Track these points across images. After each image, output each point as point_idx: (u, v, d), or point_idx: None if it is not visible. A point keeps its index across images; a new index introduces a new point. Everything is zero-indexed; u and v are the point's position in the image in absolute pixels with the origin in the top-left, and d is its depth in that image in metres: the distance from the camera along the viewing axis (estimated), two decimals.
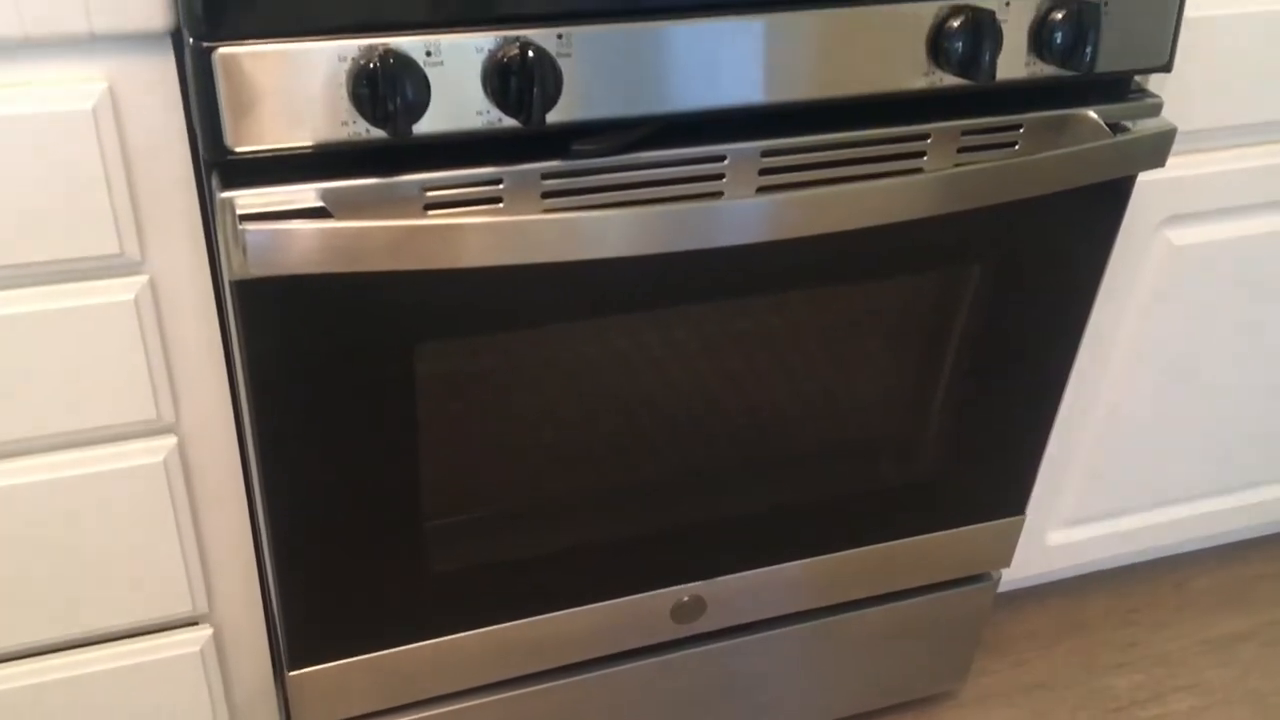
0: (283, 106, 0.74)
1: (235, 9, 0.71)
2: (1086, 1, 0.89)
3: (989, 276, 1.03)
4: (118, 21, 0.74)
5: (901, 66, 0.88)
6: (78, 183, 0.78)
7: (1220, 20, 1.02)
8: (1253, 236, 1.18)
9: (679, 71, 0.82)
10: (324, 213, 0.78)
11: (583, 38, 0.79)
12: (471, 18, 0.77)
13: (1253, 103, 1.08)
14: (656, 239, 0.84)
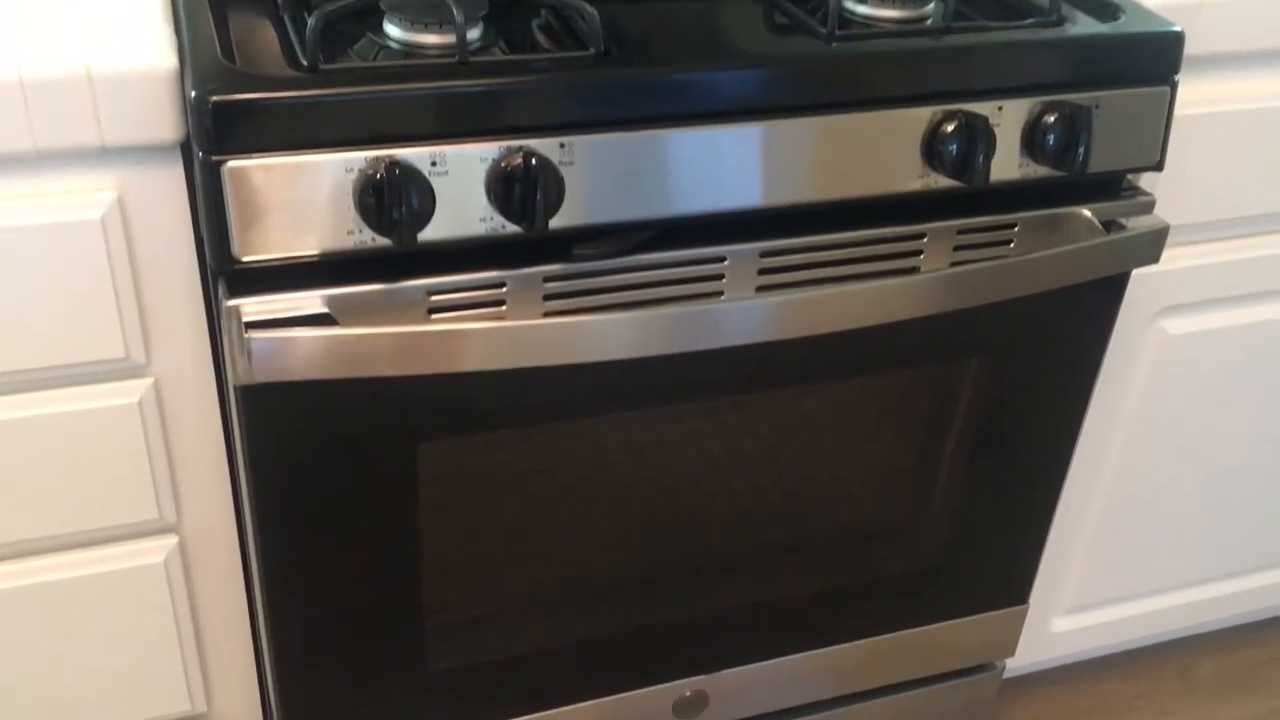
0: (290, 217, 0.75)
1: (244, 124, 0.73)
2: (1077, 105, 0.91)
3: (987, 369, 1.04)
4: (128, 134, 0.76)
5: (897, 169, 0.89)
6: (86, 290, 0.79)
7: (1210, 118, 1.04)
8: (1247, 325, 1.19)
9: (679, 177, 0.84)
10: (329, 319, 0.79)
11: (584, 146, 0.81)
12: (476, 129, 0.78)
13: (1243, 197, 1.10)
14: (657, 341, 0.84)
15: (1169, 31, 0.93)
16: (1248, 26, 1.00)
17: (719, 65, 0.84)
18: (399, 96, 0.76)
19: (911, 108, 0.88)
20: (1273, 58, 1.05)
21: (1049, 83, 0.91)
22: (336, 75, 0.77)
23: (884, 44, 0.88)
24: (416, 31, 0.84)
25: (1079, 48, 0.91)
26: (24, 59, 0.73)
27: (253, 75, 0.75)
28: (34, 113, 0.73)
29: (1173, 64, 0.94)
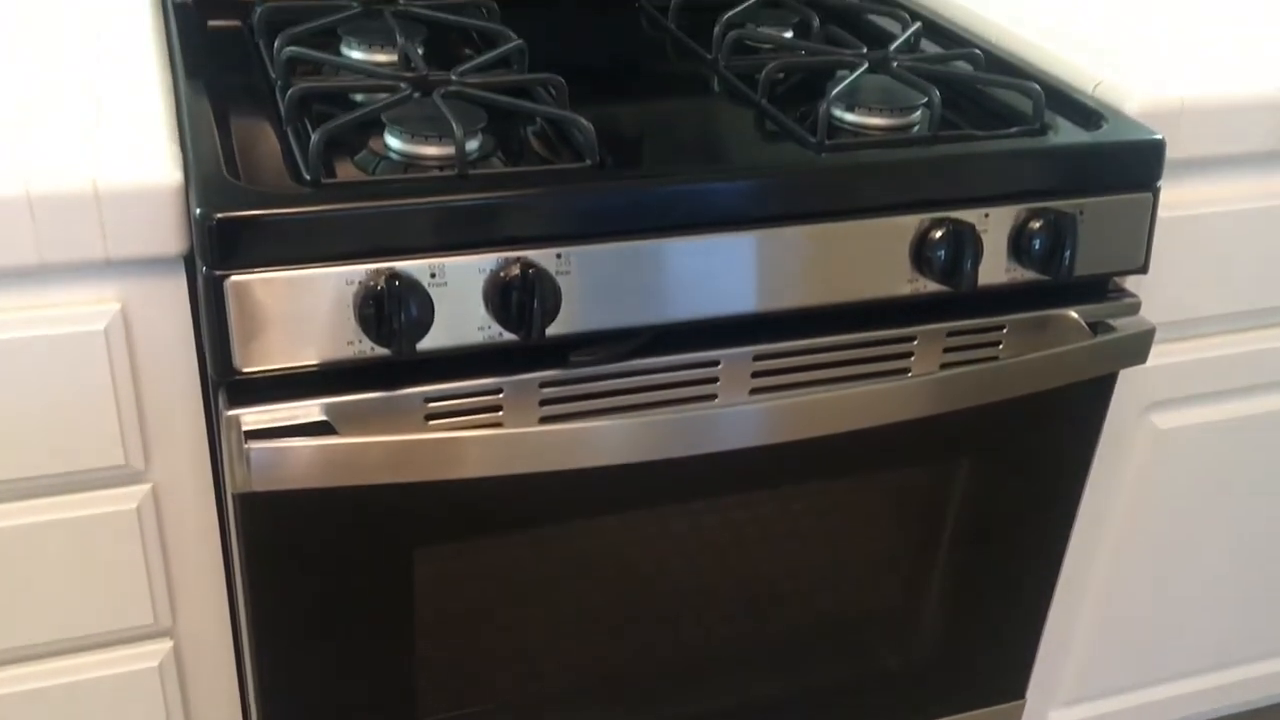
0: (291, 329, 0.77)
1: (247, 240, 0.74)
2: (1062, 212, 0.93)
3: (978, 468, 1.05)
4: (133, 248, 0.77)
5: (887, 274, 0.91)
6: (88, 399, 0.80)
7: (1193, 219, 1.06)
8: (1237, 419, 1.20)
9: (674, 284, 0.85)
10: (327, 427, 0.80)
11: (581, 256, 0.82)
12: (475, 241, 0.80)
13: (1227, 294, 1.12)
14: (652, 447, 0.85)
15: (1151, 140, 0.95)
16: (1226, 131, 1.03)
17: (712, 177, 0.86)
18: (400, 211, 0.78)
19: (900, 216, 0.90)
20: (1250, 161, 1.07)
21: (1034, 190, 0.93)
22: (339, 190, 0.78)
23: (873, 155, 0.90)
24: (417, 144, 0.86)
25: (1063, 157, 0.93)
26: (32, 174, 0.75)
27: (256, 191, 0.76)
28: (41, 228, 0.74)
29: (1155, 171, 0.96)
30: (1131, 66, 1.06)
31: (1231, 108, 1.02)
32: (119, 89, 0.90)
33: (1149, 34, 1.15)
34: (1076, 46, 1.10)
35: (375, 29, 1.03)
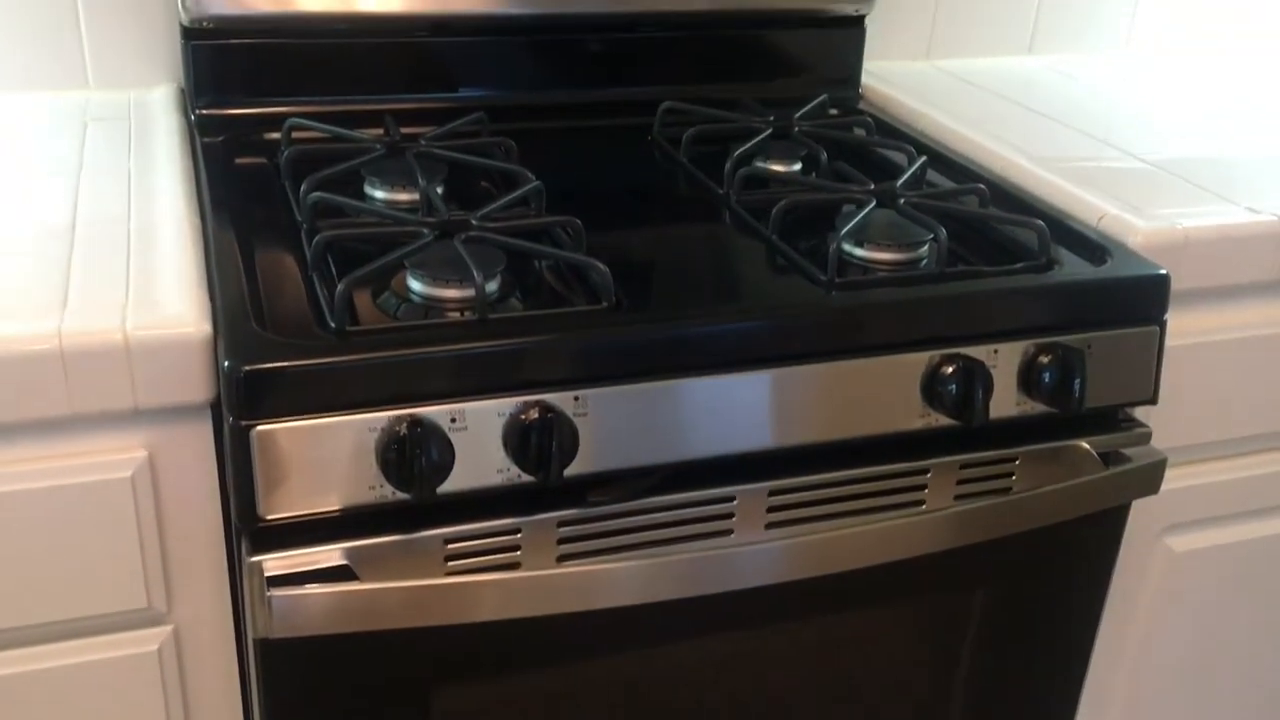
0: (313, 475, 0.78)
1: (274, 391, 0.76)
2: (1070, 347, 0.94)
3: (994, 597, 1.05)
4: (161, 397, 0.79)
5: (899, 409, 0.92)
6: (112, 544, 0.81)
7: (1199, 346, 1.08)
8: (1252, 540, 1.20)
9: (689, 423, 0.87)
10: (347, 571, 0.81)
11: (598, 398, 0.84)
12: (494, 385, 0.82)
13: (1237, 419, 1.13)
14: (668, 587, 0.86)
15: (1156, 275, 0.97)
16: (1229, 262, 1.05)
17: (726, 318, 0.87)
18: (422, 359, 0.79)
19: (911, 353, 0.91)
20: (1253, 290, 1.09)
21: (1042, 326, 0.95)
22: (363, 340, 0.80)
23: (882, 294, 0.92)
24: (438, 287, 0.88)
25: (1070, 293, 0.95)
26: (65, 325, 0.77)
27: (283, 342, 0.78)
28: (72, 380, 0.77)
29: (1160, 305, 0.98)
30: (1134, 198, 1.08)
31: (1233, 239, 1.04)
32: (149, 230, 0.93)
33: (1150, 165, 1.18)
34: (1080, 178, 1.13)
35: (397, 168, 1.07)
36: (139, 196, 0.99)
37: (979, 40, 1.54)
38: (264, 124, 1.17)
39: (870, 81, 1.41)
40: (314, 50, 1.18)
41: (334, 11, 1.16)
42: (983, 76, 1.48)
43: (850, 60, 1.38)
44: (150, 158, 1.08)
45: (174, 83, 1.24)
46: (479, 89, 1.25)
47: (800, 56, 1.36)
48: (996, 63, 1.54)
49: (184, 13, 1.12)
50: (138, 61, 1.22)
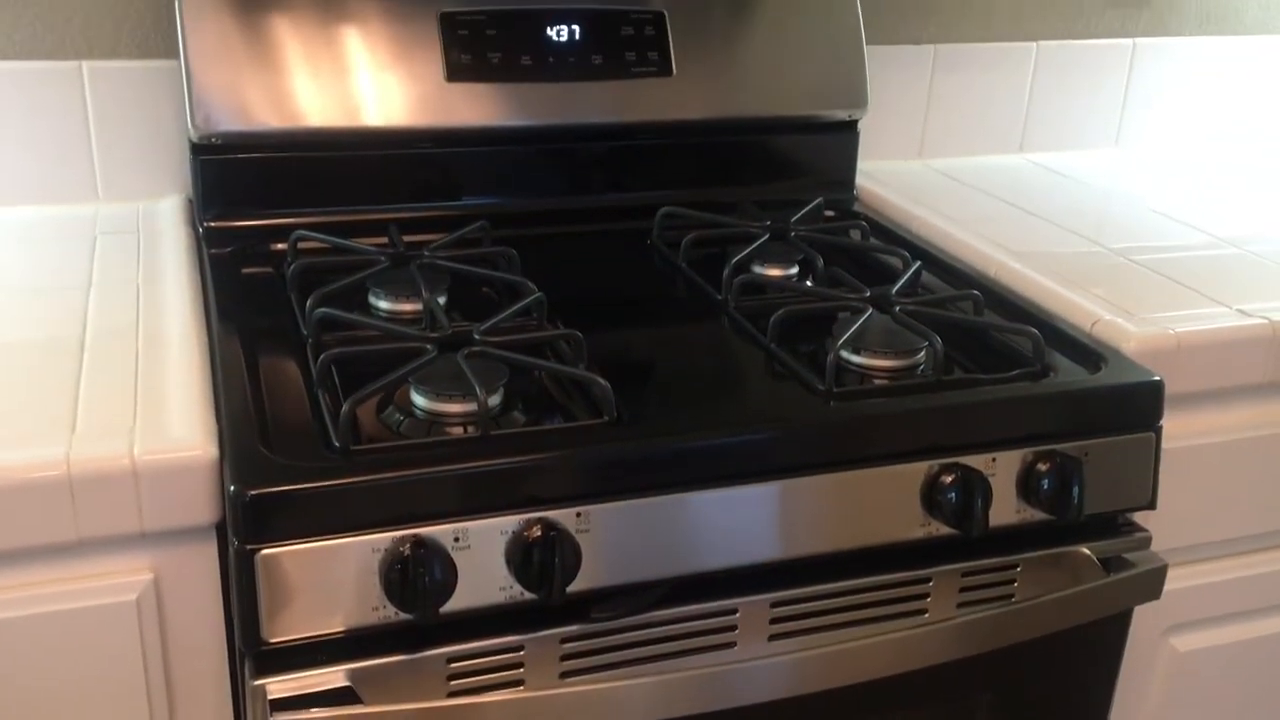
0: (317, 598, 0.78)
1: (280, 515, 0.77)
2: (1068, 455, 0.95)
3: (999, 702, 1.04)
4: (168, 520, 0.80)
5: (899, 519, 0.93)
6: (117, 668, 0.81)
7: (1195, 449, 1.08)
8: (1257, 639, 1.20)
9: (691, 537, 0.87)
10: (350, 693, 0.81)
11: (600, 514, 0.85)
12: (497, 504, 0.82)
13: (1237, 519, 1.13)
14: (672, 705, 0.86)
15: (1150, 382, 0.99)
16: (1221, 367, 1.06)
17: (726, 432, 0.88)
18: (425, 479, 0.80)
19: (909, 463, 0.92)
20: (1246, 392, 1.10)
21: (1040, 434, 0.96)
22: (367, 460, 0.81)
23: (881, 404, 0.93)
24: (441, 402, 0.89)
25: (1066, 402, 0.96)
26: (73, 451, 0.78)
27: (288, 466, 0.79)
28: (80, 506, 0.77)
29: (1156, 412, 0.99)
30: (1126, 300, 1.10)
31: (1225, 344, 1.06)
32: (156, 344, 0.94)
33: (1140, 265, 1.20)
34: (1072, 280, 1.15)
35: (401, 279, 1.08)
36: (147, 311, 1.01)
37: (970, 140, 1.57)
38: (270, 235, 1.19)
39: (865, 182, 1.44)
40: (319, 163, 1.21)
41: (340, 126, 1.19)
42: (974, 175, 1.51)
43: (845, 163, 1.41)
44: (158, 270, 1.10)
45: (182, 193, 1.27)
46: (481, 197, 1.28)
47: (796, 160, 1.39)
48: (988, 161, 1.57)
49: (193, 130, 1.15)
50: (147, 174, 1.25)
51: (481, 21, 1.23)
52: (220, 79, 1.15)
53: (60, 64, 1.19)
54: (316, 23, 1.18)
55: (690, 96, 1.31)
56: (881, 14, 1.47)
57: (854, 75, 1.38)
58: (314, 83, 1.18)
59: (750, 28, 1.33)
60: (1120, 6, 1.58)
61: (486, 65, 1.23)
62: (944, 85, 1.53)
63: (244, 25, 1.16)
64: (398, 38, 1.21)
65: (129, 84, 1.22)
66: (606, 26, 1.28)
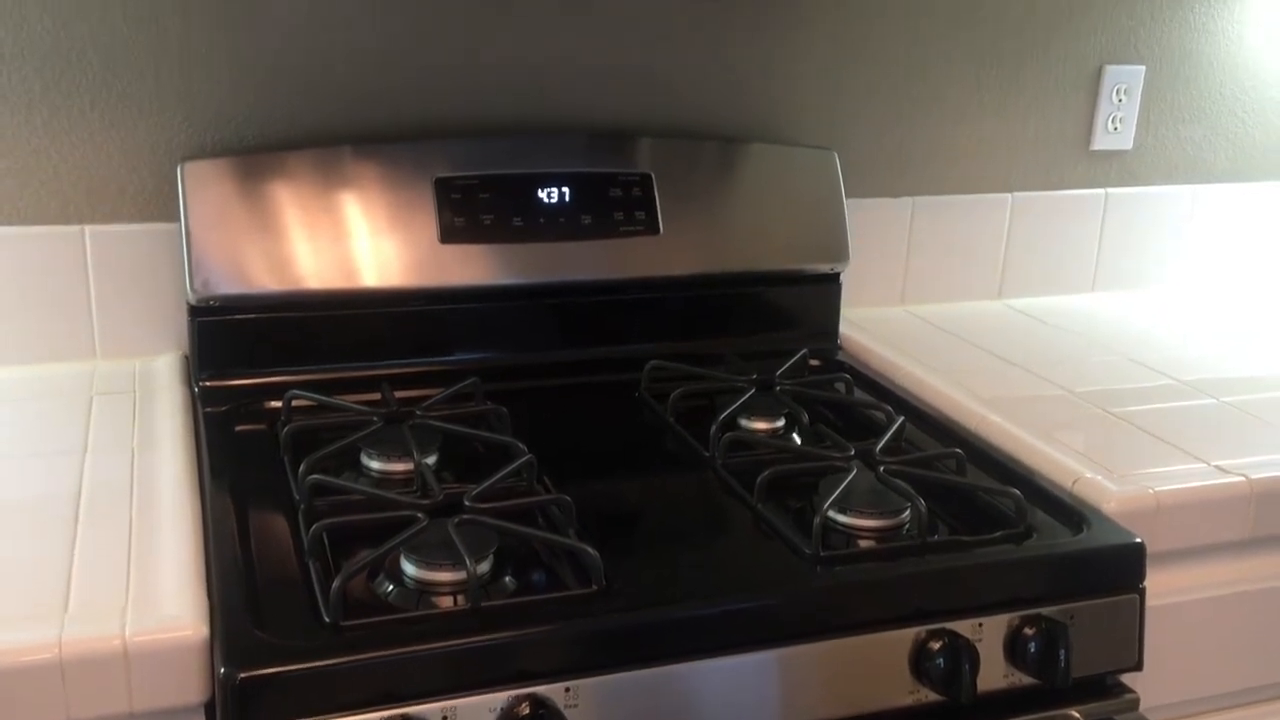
0: None
1: (268, 695, 0.77)
2: (1054, 620, 0.96)
3: None
4: (157, 700, 0.80)
5: (888, 687, 0.93)
6: None
7: (1177, 606, 1.09)
8: None
9: (680, 708, 0.87)
10: None
11: (589, 689, 0.85)
12: (486, 680, 0.82)
13: (1224, 675, 1.14)
14: None
15: (1132, 544, 1.00)
16: (1202, 525, 1.08)
17: (714, 602, 0.89)
18: (414, 658, 0.81)
19: (897, 629, 0.93)
20: (1228, 548, 1.12)
21: (1025, 597, 0.97)
22: (356, 636, 0.82)
23: (867, 571, 0.94)
24: (431, 571, 0.90)
25: (1050, 565, 0.97)
26: (65, 633, 0.78)
27: (277, 645, 0.80)
28: (70, 688, 0.77)
29: (1138, 573, 1.00)
30: (1105, 457, 1.12)
31: (1205, 502, 1.08)
32: (150, 512, 0.95)
33: (1118, 417, 1.23)
34: (1052, 435, 1.17)
35: (393, 439, 1.10)
36: (141, 478, 1.02)
37: (950, 286, 1.61)
38: (265, 393, 1.21)
39: (849, 330, 1.47)
40: (315, 322, 1.23)
41: (336, 289, 1.22)
42: (955, 322, 1.54)
43: (828, 314, 1.45)
44: (153, 434, 1.11)
45: (178, 350, 1.29)
46: (473, 352, 1.30)
47: (781, 312, 1.42)
48: (968, 307, 1.61)
49: (191, 294, 1.18)
50: (144, 333, 1.27)
51: (474, 185, 1.28)
52: (219, 243, 1.19)
53: (64, 228, 1.22)
54: (315, 188, 1.22)
55: (677, 253, 1.35)
56: (860, 169, 1.52)
57: (835, 230, 1.42)
58: (311, 246, 1.21)
59: (734, 186, 1.38)
60: (1092, 159, 1.64)
61: (479, 227, 1.27)
62: (923, 234, 1.58)
63: (244, 191, 1.20)
64: (394, 202, 1.25)
65: (129, 246, 1.25)
66: (596, 188, 1.32)
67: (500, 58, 1.33)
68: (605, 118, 1.39)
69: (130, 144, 1.23)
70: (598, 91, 1.38)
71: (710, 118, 1.44)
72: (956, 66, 1.53)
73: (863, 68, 1.48)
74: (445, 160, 1.27)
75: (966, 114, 1.55)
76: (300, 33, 1.26)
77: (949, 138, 1.55)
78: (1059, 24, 1.55)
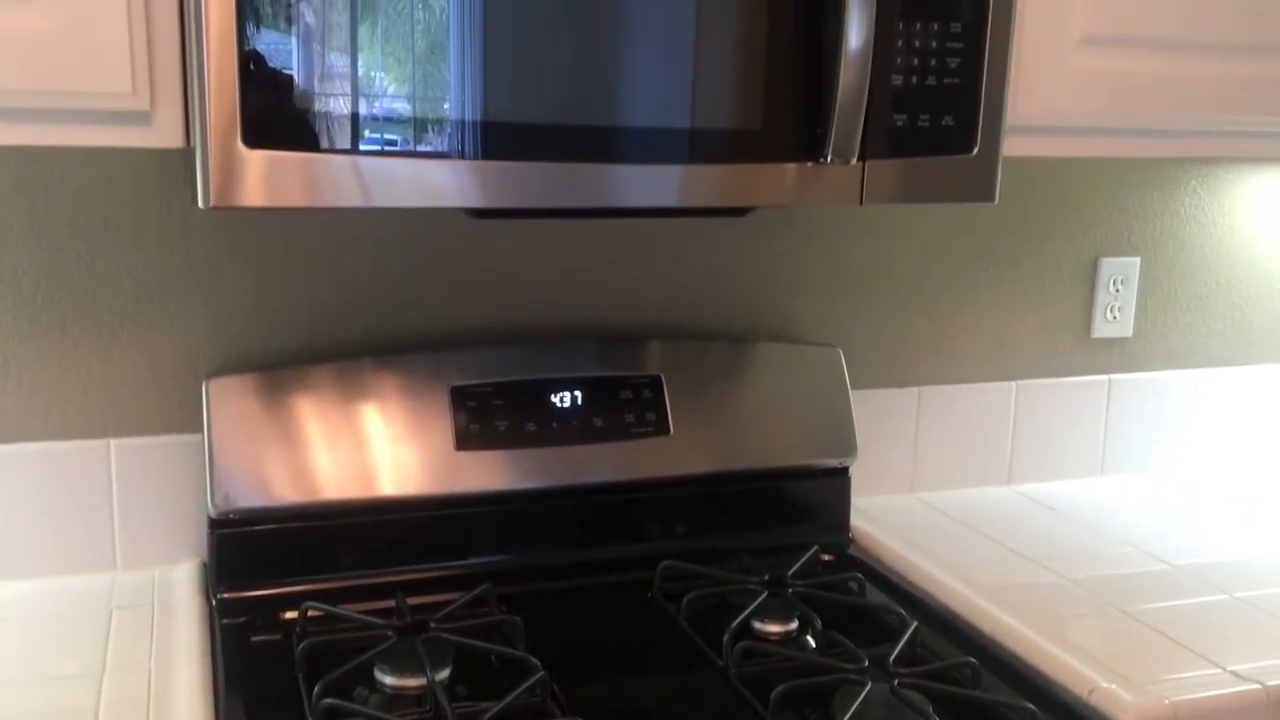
0: None
1: None
2: None
3: None
4: None
5: None
6: None
7: None
8: None
9: None
10: None
11: None
12: None
13: None
14: None
15: None
16: None
17: None
18: None
19: None
20: None
21: None
22: None
23: None
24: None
25: None
26: None
27: None
28: None
29: None
30: (1119, 663, 1.12)
31: (1221, 711, 1.07)
32: None
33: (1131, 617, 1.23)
34: (1066, 638, 1.17)
35: (406, 652, 1.10)
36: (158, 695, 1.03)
37: (959, 473, 1.63)
38: (282, 603, 1.22)
39: (859, 522, 1.49)
40: (332, 531, 1.25)
41: (354, 498, 1.25)
42: (966, 511, 1.55)
43: (838, 508, 1.46)
44: (171, 649, 1.12)
45: (196, 557, 1.31)
46: (487, 555, 1.32)
47: (791, 507, 1.44)
48: (978, 494, 1.62)
49: (212, 508, 1.20)
50: (164, 543, 1.29)
51: (489, 392, 1.31)
52: (241, 458, 1.22)
53: (89, 442, 1.26)
54: (336, 399, 1.26)
55: (687, 453, 1.37)
56: (865, 362, 1.56)
57: (842, 425, 1.45)
58: (331, 456, 1.24)
59: (742, 385, 1.41)
60: (1093, 346, 1.67)
61: (494, 433, 1.30)
62: (930, 423, 1.60)
63: (266, 405, 1.24)
64: (411, 410, 1.28)
65: (153, 457, 1.28)
66: (606, 391, 1.36)
67: (513, 269, 1.39)
68: (615, 320, 1.44)
69: (157, 359, 1.28)
70: (608, 297, 1.43)
71: (717, 318, 1.48)
72: (955, 264, 1.58)
73: (864, 267, 1.53)
74: (461, 369, 1.31)
75: (966, 307, 1.59)
76: (320, 254, 1.32)
77: (951, 330, 1.59)
78: (1054, 222, 1.61)
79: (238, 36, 0.88)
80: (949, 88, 1.10)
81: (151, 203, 1.25)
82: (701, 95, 1.04)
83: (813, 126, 1.07)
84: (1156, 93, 1.24)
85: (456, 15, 0.95)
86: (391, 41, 0.94)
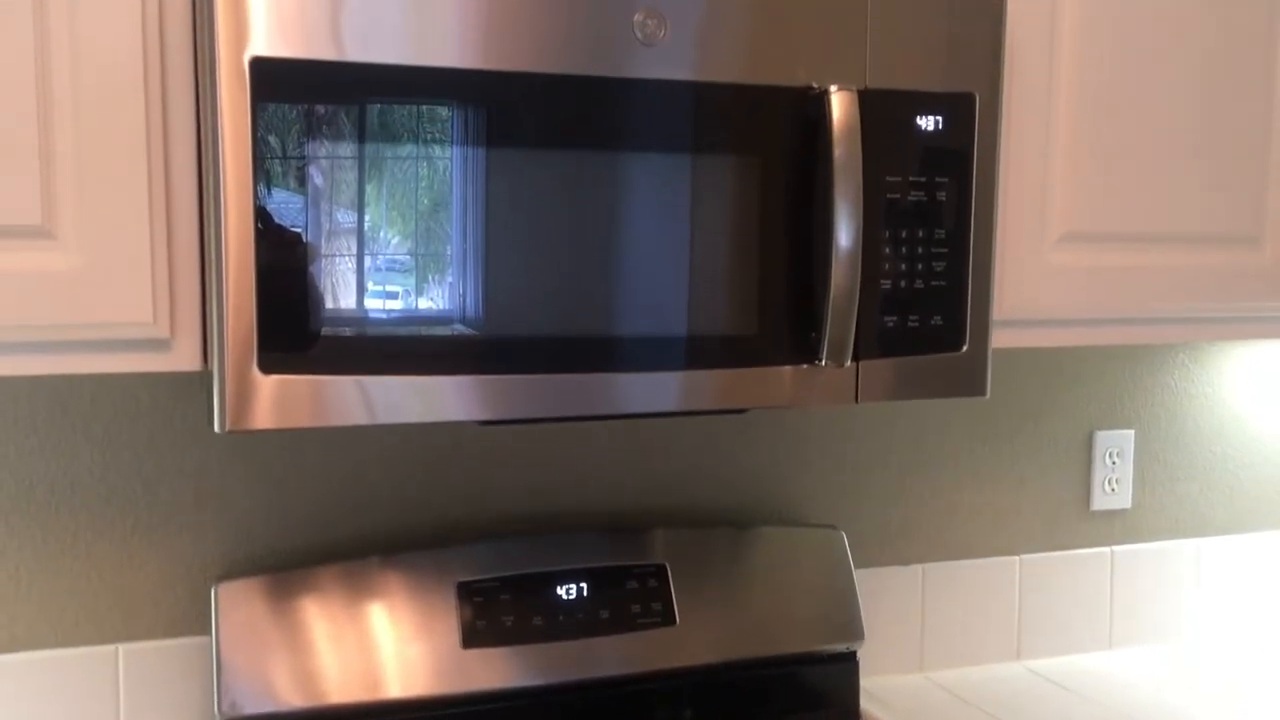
0: None
1: None
2: None
3: None
4: None
5: None
6: None
7: None
8: None
9: None
10: None
11: None
12: None
13: None
14: None
15: None
16: None
17: None
18: None
19: None
20: None
21: None
22: None
23: None
24: None
25: None
26: None
27: None
28: None
29: None
30: None
31: None
32: None
33: None
34: None
35: None
36: None
37: (968, 650, 1.62)
38: None
39: (869, 706, 1.47)
40: None
41: (361, 701, 1.24)
42: (976, 691, 1.54)
43: (847, 693, 1.45)
44: None
45: None
46: None
47: (800, 694, 1.43)
48: (988, 672, 1.61)
49: (219, 714, 1.20)
50: None
51: (495, 587, 1.32)
52: (248, 664, 1.22)
53: (99, 648, 1.26)
54: (342, 600, 1.27)
55: (694, 643, 1.37)
56: (868, 540, 1.57)
57: (848, 608, 1.45)
58: (338, 659, 1.25)
59: (746, 571, 1.42)
60: (1093, 519, 1.68)
61: (500, 628, 1.31)
62: (935, 600, 1.60)
63: (274, 607, 1.25)
64: (418, 609, 1.29)
65: (160, 661, 1.28)
66: (612, 581, 1.36)
67: (516, 463, 1.41)
68: (618, 508, 1.46)
69: (167, 563, 1.29)
70: (610, 487, 1.45)
71: (719, 502, 1.50)
72: (952, 443, 1.60)
73: (863, 447, 1.56)
74: (466, 563, 1.32)
75: (965, 484, 1.61)
76: (327, 458, 1.34)
77: (951, 506, 1.61)
78: (1047, 399, 1.64)
79: (256, 272, 0.93)
80: (936, 289, 1.15)
81: (165, 411, 1.28)
82: (698, 303, 1.08)
83: (807, 330, 1.11)
84: (1133, 284, 1.29)
85: (459, 232, 1.00)
86: (400, 269, 0.99)
